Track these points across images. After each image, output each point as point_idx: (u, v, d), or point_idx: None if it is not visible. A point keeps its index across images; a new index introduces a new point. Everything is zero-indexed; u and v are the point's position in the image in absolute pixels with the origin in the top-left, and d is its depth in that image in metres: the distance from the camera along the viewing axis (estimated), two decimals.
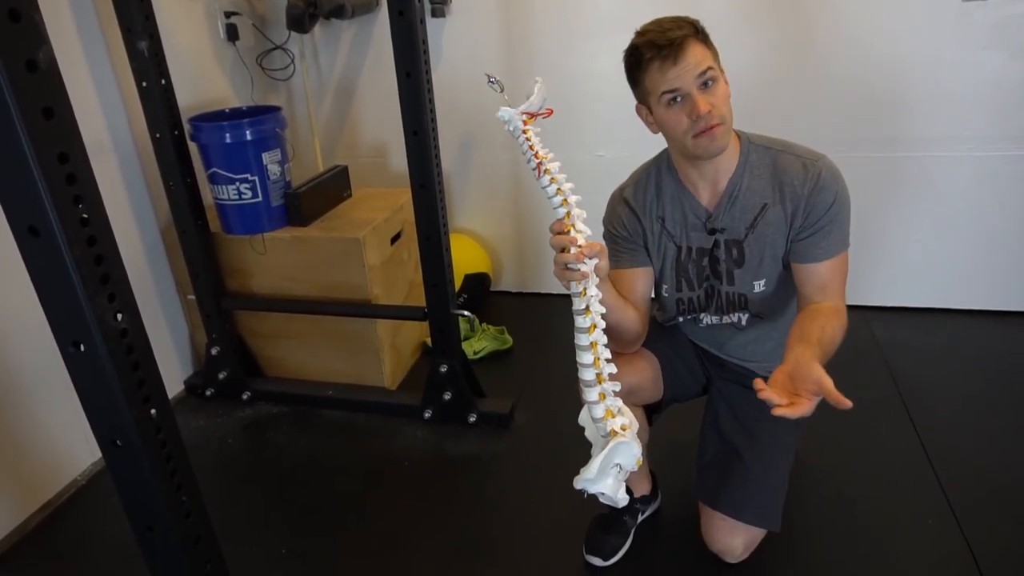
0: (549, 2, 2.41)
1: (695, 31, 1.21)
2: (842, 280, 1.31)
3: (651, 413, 1.57)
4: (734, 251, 1.37)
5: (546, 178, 1.10)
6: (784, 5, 2.27)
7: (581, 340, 1.08)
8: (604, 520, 1.60)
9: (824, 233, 1.28)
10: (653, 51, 1.21)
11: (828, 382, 1.04)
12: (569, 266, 1.09)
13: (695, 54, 1.20)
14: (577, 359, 1.09)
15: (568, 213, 1.10)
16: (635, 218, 1.42)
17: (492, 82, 1.11)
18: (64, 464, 1.92)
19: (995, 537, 1.56)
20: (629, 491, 1.59)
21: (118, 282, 0.84)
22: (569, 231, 1.10)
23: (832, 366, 1.67)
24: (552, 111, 1.12)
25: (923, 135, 2.32)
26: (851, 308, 1.28)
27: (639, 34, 1.24)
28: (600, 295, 1.11)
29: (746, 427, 1.47)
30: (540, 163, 1.10)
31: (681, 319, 1.51)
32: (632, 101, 1.34)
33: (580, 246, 1.08)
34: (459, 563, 1.61)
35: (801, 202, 1.29)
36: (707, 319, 1.49)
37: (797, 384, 1.07)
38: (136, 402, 0.88)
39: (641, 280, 1.43)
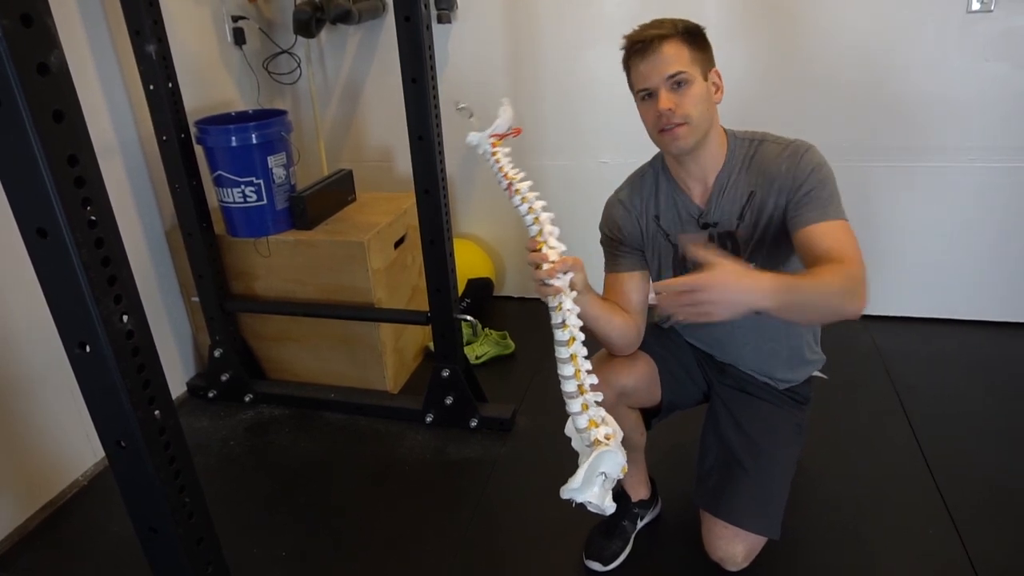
0: (554, 9, 2.43)
1: (678, 32, 1.25)
2: (850, 243, 1.21)
3: (650, 418, 1.58)
4: (728, 243, 1.38)
5: (517, 198, 1.13)
6: (785, 13, 2.28)
7: (561, 353, 1.10)
8: (604, 526, 1.60)
9: (811, 197, 1.26)
10: (629, 46, 1.28)
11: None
12: (545, 281, 1.10)
13: (668, 53, 1.24)
14: (558, 371, 1.10)
15: (540, 231, 1.12)
16: (631, 219, 1.44)
17: (461, 108, 1.14)
18: (66, 464, 1.93)
19: (994, 547, 1.55)
20: (627, 495, 1.62)
21: (125, 284, 0.85)
22: (541, 248, 1.11)
23: (834, 375, 1.68)
24: (520, 130, 1.15)
25: (926, 145, 2.32)
26: None
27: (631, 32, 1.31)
28: (577, 309, 1.12)
29: (747, 434, 1.47)
30: (510, 183, 1.13)
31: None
32: (635, 106, 1.36)
33: (552, 262, 1.10)
34: (460, 567, 1.61)
35: (784, 177, 1.29)
36: None
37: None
38: (141, 403, 0.89)
39: (636, 284, 1.44)
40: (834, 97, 2.33)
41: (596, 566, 1.56)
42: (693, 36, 1.27)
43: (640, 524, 1.65)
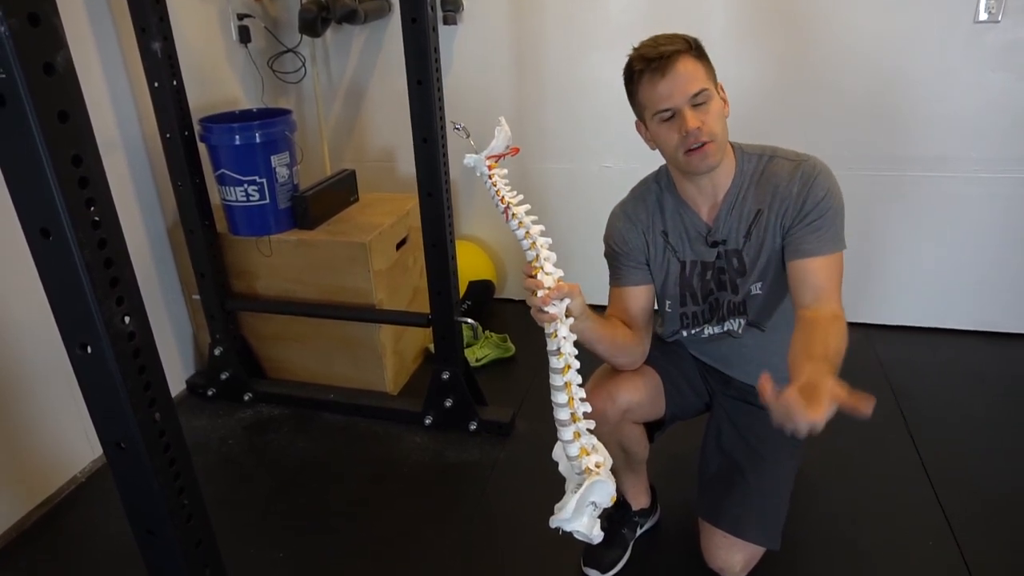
0: (560, 12, 2.42)
1: (688, 47, 1.22)
2: (837, 283, 1.26)
3: (653, 430, 1.57)
4: (735, 261, 1.37)
5: (514, 222, 1.11)
6: (791, 20, 2.27)
7: (555, 380, 1.09)
8: (603, 533, 1.59)
9: (815, 227, 1.26)
10: (643, 64, 1.23)
11: (843, 392, 1.00)
12: (541, 308, 1.09)
13: (686, 70, 1.21)
14: (551, 398, 1.09)
15: (537, 256, 1.10)
16: (637, 231, 1.42)
17: (458, 128, 1.13)
18: (65, 461, 1.92)
19: (993, 556, 1.55)
20: (627, 504, 1.61)
21: (127, 285, 0.84)
22: (537, 274, 1.10)
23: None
24: (518, 150, 1.13)
25: (929, 155, 2.32)
26: (853, 326, 1.27)
27: (634, 49, 1.27)
28: (573, 336, 1.10)
29: (749, 444, 1.46)
30: (507, 207, 1.11)
31: (685, 333, 1.51)
32: None
33: (548, 288, 1.08)
34: (457, 571, 1.61)
35: (792, 200, 1.28)
36: (709, 330, 1.48)
37: (809, 398, 1.02)
38: (141, 405, 0.88)
39: (641, 299, 1.42)
40: (839, 105, 2.32)
41: (594, 573, 1.55)
42: (700, 51, 1.24)
43: (639, 532, 1.64)
